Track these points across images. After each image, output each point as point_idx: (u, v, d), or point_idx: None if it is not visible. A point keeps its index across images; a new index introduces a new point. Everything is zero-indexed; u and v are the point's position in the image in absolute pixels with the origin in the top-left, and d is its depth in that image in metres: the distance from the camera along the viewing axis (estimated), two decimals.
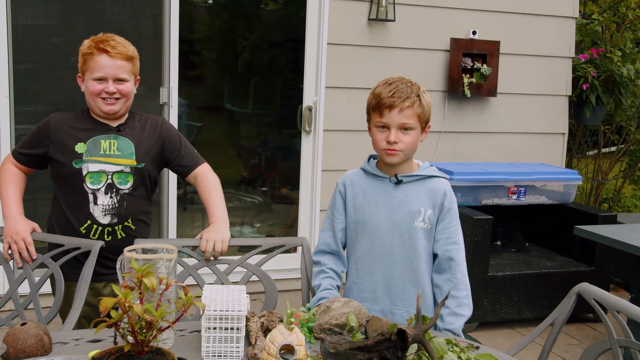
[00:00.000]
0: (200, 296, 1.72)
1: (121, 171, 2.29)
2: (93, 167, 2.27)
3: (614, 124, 5.81)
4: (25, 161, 2.36)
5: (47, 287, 2.28)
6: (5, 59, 3.65)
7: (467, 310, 2.10)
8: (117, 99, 2.28)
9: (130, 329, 1.32)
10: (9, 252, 2.24)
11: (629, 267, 4.60)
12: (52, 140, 2.30)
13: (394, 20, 4.33)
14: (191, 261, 2.27)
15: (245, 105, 4.99)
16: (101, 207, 2.28)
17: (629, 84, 4.99)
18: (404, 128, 2.07)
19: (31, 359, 1.55)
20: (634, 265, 3.49)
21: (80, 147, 2.27)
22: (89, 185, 2.27)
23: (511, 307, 4.03)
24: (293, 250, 4.26)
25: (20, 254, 2.22)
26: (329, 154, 4.37)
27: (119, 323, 1.32)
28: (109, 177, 2.28)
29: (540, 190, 4.30)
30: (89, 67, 2.26)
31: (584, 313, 4.09)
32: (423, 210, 2.11)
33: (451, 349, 1.72)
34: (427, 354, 1.61)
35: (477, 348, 1.79)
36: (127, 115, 2.37)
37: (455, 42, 4.52)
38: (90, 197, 2.27)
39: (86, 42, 2.29)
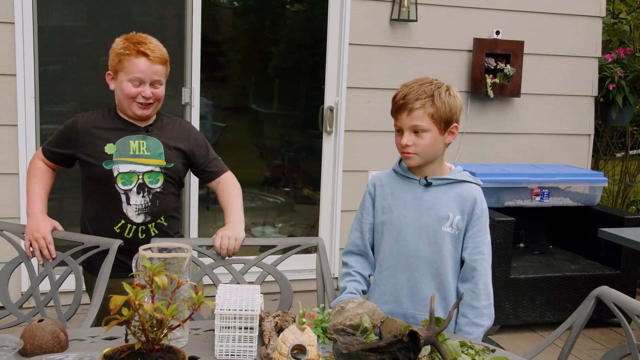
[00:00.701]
0: (214, 295, 1.73)
1: (151, 171, 2.31)
2: (123, 167, 2.28)
3: None
4: (54, 159, 2.39)
5: (66, 285, 2.31)
6: (31, 60, 3.70)
7: (487, 321, 2.06)
8: (151, 103, 2.29)
9: (141, 327, 1.33)
10: (30, 249, 2.28)
11: None
12: (80, 142, 2.32)
13: (416, 21, 4.30)
14: (207, 260, 2.29)
15: (269, 106, 5.00)
16: (134, 207, 2.30)
17: None
18: (415, 131, 2.02)
19: (47, 356, 1.57)
20: None
21: (109, 148, 2.29)
22: (120, 185, 2.28)
23: (534, 310, 3.98)
24: (313, 250, 4.26)
25: (41, 252, 2.26)
26: (350, 154, 4.35)
27: (130, 321, 1.33)
28: (140, 177, 2.30)
29: (564, 192, 4.24)
30: (124, 68, 2.25)
31: (608, 317, 4.01)
32: (452, 215, 2.05)
33: (465, 352, 1.70)
34: (440, 356, 1.60)
35: (492, 351, 1.77)
36: (154, 117, 2.39)
37: (478, 42, 4.48)
38: (123, 197, 2.29)
39: (120, 42, 2.28)
